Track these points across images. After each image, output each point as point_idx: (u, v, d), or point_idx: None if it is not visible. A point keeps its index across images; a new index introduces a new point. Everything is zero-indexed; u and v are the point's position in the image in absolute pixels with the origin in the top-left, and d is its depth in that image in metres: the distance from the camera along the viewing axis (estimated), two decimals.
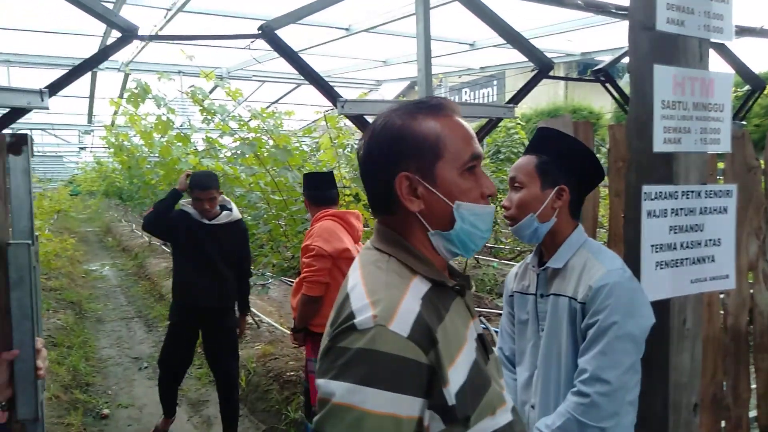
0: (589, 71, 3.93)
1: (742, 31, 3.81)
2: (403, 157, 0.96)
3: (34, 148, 1.48)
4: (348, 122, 4.66)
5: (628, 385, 1.40)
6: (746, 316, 2.58)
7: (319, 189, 3.14)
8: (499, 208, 2.93)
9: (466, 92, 21.92)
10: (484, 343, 1.02)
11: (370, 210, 1.07)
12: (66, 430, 3.86)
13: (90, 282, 9.97)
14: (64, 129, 11.95)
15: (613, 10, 3.32)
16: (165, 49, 5.66)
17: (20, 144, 1.05)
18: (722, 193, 1.67)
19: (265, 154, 4.19)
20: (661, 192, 1.54)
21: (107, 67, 5.84)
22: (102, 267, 11.61)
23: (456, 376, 0.89)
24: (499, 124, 3.11)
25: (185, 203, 3.60)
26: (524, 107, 14.42)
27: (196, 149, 5.67)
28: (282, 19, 2.36)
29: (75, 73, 2.17)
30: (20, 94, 1.86)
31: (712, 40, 1.61)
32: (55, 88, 2.04)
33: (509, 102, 2.79)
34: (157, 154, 6.13)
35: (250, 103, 5.62)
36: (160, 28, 3.99)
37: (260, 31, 2.34)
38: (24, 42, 5.43)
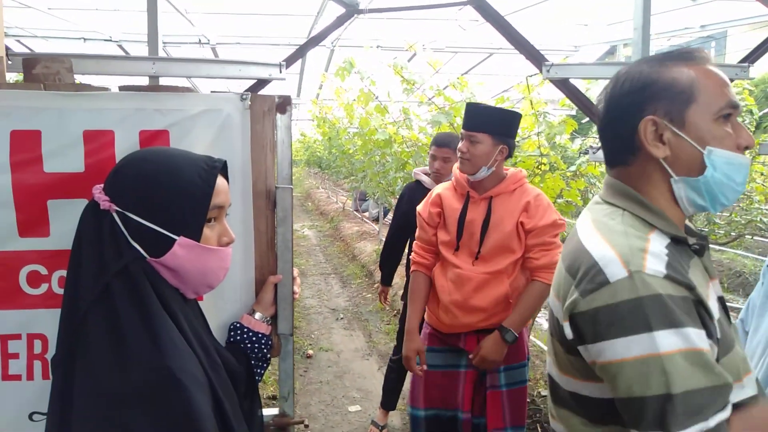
0: None
1: None
2: (650, 102, 0.93)
3: None
4: (542, 91, 4.50)
5: None
6: None
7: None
8: None
9: None
10: (725, 306, 0.96)
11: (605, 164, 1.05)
12: None
13: (294, 240, 11.09)
14: None
15: None
16: (364, 26, 6.03)
17: (285, 104, 1.24)
18: None
19: (459, 123, 4.26)
20: None
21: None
22: (303, 228, 12.96)
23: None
24: None
25: (419, 171, 3.39)
26: (751, 71, 12.27)
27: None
28: None
29: (305, 48, 2.45)
30: (264, 68, 2.18)
31: None
32: (289, 61, 2.34)
33: (743, 61, 2.47)
34: (356, 126, 6.58)
35: (444, 75, 5.74)
36: (370, 1, 4.25)
37: None
38: (248, 25, 6.21)
